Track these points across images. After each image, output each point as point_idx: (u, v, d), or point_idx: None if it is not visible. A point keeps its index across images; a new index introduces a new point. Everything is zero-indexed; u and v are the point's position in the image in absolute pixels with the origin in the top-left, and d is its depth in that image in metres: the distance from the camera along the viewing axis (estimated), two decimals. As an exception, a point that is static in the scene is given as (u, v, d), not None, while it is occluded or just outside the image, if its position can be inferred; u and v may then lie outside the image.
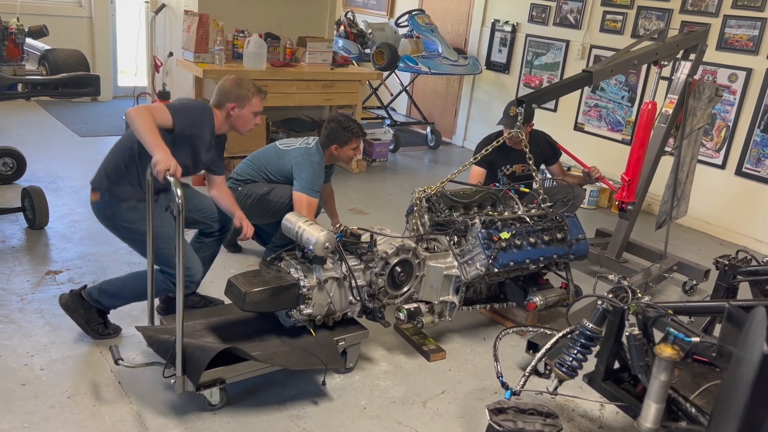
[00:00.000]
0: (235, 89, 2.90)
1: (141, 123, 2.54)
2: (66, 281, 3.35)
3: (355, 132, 3.61)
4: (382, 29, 7.03)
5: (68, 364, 2.68)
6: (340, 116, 3.68)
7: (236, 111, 2.91)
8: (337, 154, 3.63)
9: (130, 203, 2.75)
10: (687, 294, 4.02)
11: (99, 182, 2.81)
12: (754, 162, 4.98)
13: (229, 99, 2.90)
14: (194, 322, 2.66)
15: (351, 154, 3.69)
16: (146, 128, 2.53)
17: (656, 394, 1.99)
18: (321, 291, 2.62)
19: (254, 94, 2.94)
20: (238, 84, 2.92)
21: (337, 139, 3.59)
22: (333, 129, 3.59)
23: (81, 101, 7.06)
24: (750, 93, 4.95)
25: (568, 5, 6.09)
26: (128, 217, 2.74)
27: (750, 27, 4.89)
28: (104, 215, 2.80)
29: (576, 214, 3.36)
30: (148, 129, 2.54)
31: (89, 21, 7.20)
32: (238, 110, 2.91)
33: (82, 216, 4.21)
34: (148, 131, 2.53)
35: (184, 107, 2.86)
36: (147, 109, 2.65)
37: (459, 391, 2.80)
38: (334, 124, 3.60)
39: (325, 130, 3.64)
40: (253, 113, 2.96)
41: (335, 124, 3.60)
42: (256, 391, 2.62)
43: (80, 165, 5.21)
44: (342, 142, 3.59)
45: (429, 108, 7.65)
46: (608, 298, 2.22)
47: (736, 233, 5.13)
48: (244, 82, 2.96)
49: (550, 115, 6.32)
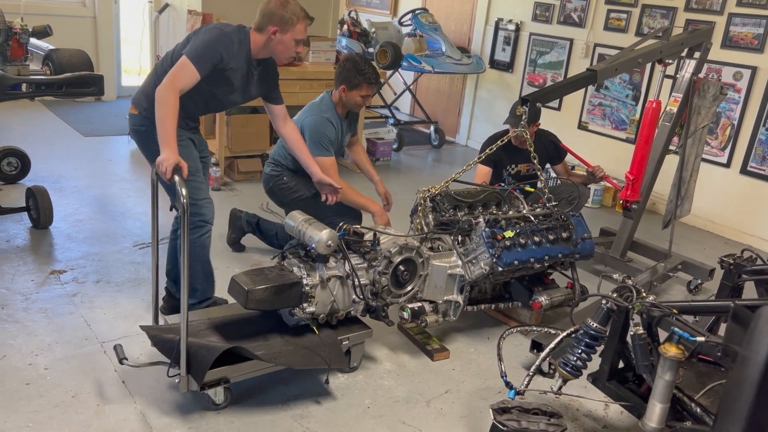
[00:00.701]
0: (279, 11, 2.69)
1: (160, 111, 2.54)
2: (70, 280, 3.36)
3: (368, 77, 3.40)
4: (386, 28, 7.02)
5: (72, 364, 2.69)
6: (358, 57, 3.52)
7: (277, 36, 2.71)
8: (345, 97, 3.44)
9: None
10: (692, 293, 4.00)
11: (139, 100, 2.82)
12: (759, 160, 4.96)
13: (271, 21, 2.69)
14: (198, 321, 2.66)
15: (359, 101, 3.46)
16: (162, 118, 2.53)
17: (661, 393, 1.99)
18: (324, 289, 2.62)
19: (300, 20, 2.72)
20: (283, 5, 2.70)
21: (347, 80, 3.41)
22: (346, 68, 3.42)
23: (85, 101, 7.07)
24: (755, 91, 4.92)
25: (572, 3, 6.07)
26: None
27: (755, 25, 4.86)
28: (138, 131, 2.83)
29: (581, 213, 3.35)
30: (163, 118, 2.53)
31: (93, 21, 7.22)
32: (279, 35, 2.71)
33: (87, 215, 4.22)
34: (162, 121, 2.53)
35: (206, 46, 2.64)
36: (173, 87, 2.55)
37: (463, 391, 2.80)
38: (350, 63, 3.43)
39: (340, 67, 3.48)
40: (295, 40, 2.75)
41: (351, 64, 3.42)
42: (260, 391, 2.63)
43: (84, 165, 5.22)
44: (352, 85, 3.40)
45: (432, 107, 7.64)
46: (613, 297, 2.21)
47: (741, 232, 5.11)
48: (290, 4, 2.73)
49: (554, 114, 6.31)
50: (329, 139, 3.40)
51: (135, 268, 3.58)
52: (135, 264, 3.62)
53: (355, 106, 3.53)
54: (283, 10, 2.69)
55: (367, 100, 3.50)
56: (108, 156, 5.60)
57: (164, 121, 2.54)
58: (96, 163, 5.36)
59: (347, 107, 3.53)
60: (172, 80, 2.57)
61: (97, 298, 3.22)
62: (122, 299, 3.23)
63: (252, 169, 5.29)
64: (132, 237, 3.96)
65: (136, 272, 3.52)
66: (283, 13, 2.69)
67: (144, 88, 2.84)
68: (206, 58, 2.63)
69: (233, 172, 5.26)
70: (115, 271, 3.52)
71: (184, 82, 2.59)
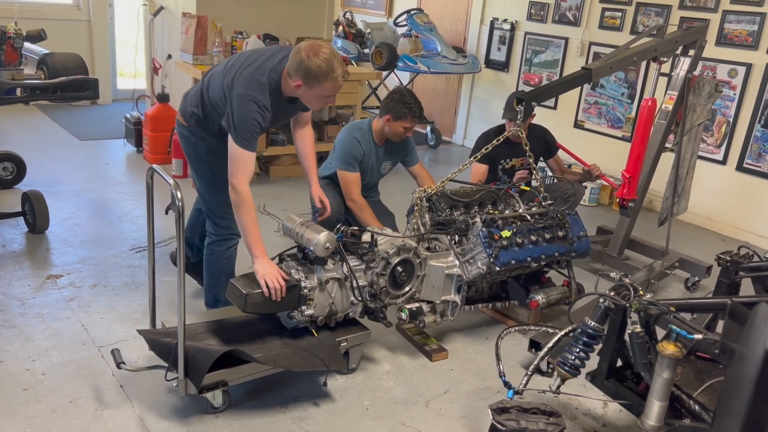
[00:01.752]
0: (306, 63, 2.45)
1: (241, 218, 2.54)
2: (67, 285, 3.35)
3: (412, 111, 3.53)
4: (381, 29, 7.02)
5: (70, 369, 2.68)
6: (405, 90, 3.65)
7: (302, 89, 2.55)
8: (389, 127, 3.58)
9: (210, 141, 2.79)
10: (689, 290, 4.01)
11: (185, 113, 2.86)
12: (755, 157, 4.97)
13: (297, 73, 2.49)
14: (196, 324, 2.65)
15: (401, 132, 3.58)
16: (246, 225, 2.54)
17: (659, 391, 1.99)
18: (322, 292, 2.62)
19: (327, 78, 2.49)
20: (313, 56, 2.45)
21: (392, 111, 3.54)
22: (393, 100, 3.56)
23: (80, 105, 7.06)
24: (750, 88, 4.93)
25: (567, 2, 6.08)
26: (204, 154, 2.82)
27: (749, 22, 4.88)
28: (184, 137, 2.88)
29: (577, 212, 3.35)
30: (246, 225, 2.54)
31: (87, 24, 7.21)
32: (304, 89, 2.54)
33: (83, 219, 4.21)
34: (246, 229, 2.54)
35: (246, 124, 2.51)
36: (242, 184, 2.50)
37: (461, 391, 2.79)
38: (397, 96, 3.57)
39: (386, 98, 3.63)
40: (322, 96, 2.60)
41: (398, 96, 3.56)
42: (258, 393, 2.62)
43: (80, 169, 5.21)
44: (397, 116, 3.53)
45: (429, 107, 7.63)
46: (610, 296, 2.22)
47: (737, 229, 5.12)
48: (321, 54, 2.46)
49: (551, 112, 6.31)
50: (354, 156, 3.57)
51: (132, 271, 3.57)
52: (132, 268, 3.61)
53: (396, 136, 3.63)
54: (309, 62, 2.45)
55: (409, 132, 3.64)
56: (104, 159, 5.59)
57: (248, 227, 2.53)
58: (92, 166, 5.35)
59: (388, 135, 3.66)
60: (236, 179, 2.52)
61: (94, 302, 3.22)
62: (119, 303, 3.22)
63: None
64: (129, 241, 3.96)
65: (133, 276, 3.52)
66: (309, 66, 2.45)
67: (190, 99, 2.84)
68: (251, 136, 2.53)
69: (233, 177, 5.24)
70: (112, 275, 3.51)
71: (247, 172, 2.54)
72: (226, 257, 2.96)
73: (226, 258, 2.96)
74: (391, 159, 3.79)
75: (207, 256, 2.97)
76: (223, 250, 2.94)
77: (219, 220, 2.89)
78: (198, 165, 2.87)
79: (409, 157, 3.81)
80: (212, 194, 2.87)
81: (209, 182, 2.85)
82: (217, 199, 2.84)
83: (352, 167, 3.56)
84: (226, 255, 2.96)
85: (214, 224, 2.91)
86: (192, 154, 2.87)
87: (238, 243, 2.97)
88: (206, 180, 2.87)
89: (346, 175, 3.56)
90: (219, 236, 2.92)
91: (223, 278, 2.90)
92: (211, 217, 2.91)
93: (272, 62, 2.61)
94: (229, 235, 2.92)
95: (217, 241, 2.93)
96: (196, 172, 2.91)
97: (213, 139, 2.78)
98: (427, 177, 3.77)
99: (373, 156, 3.67)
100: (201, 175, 2.88)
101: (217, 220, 2.89)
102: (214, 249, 2.94)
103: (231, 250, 2.98)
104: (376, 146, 3.67)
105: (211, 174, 2.83)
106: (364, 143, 3.60)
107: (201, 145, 2.82)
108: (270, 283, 2.44)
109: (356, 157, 3.57)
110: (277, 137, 5.43)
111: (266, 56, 2.64)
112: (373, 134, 3.64)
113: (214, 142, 2.78)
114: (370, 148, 3.64)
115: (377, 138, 3.65)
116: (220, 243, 2.93)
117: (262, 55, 2.65)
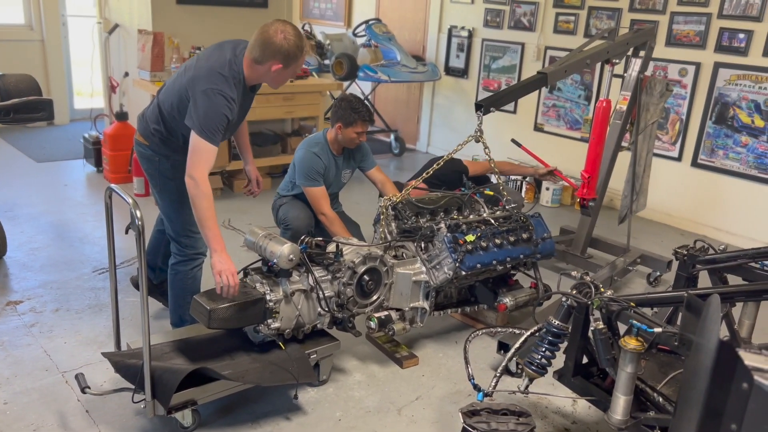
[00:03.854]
0: (285, 46, 2.55)
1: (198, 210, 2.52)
2: (27, 311, 3.27)
3: (362, 115, 3.54)
4: (340, 40, 7.04)
5: (33, 396, 2.61)
6: (352, 97, 3.67)
7: (279, 70, 2.60)
8: (341, 134, 3.59)
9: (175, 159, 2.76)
10: (651, 285, 4.10)
11: (146, 133, 2.81)
12: (708, 153, 5.12)
13: (275, 57, 2.56)
14: (162, 344, 2.62)
15: (354, 137, 3.60)
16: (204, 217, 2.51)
17: (624, 386, 2.03)
18: (288, 304, 2.61)
19: (302, 52, 2.62)
20: (288, 39, 2.56)
21: (342, 118, 3.55)
22: (342, 107, 3.57)
23: (36, 126, 6.91)
24: (700, 86, 5.09)
25: (522, 8, 6.19)
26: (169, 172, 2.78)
27: (696, 22, 5.03)
28: (145, 157, 2.83)
29: (540, 213, 3.40)
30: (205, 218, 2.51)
31: (41, 44, 7.07)
32: (282, 70, 2.61)
33: (42, 243, 4.11)
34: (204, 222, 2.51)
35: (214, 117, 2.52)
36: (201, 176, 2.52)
37: (433, 396, 2.81)
38: (345, 102, 3.58)
39: (334, 106, 3.63)
40: (294, 74, 2.72)
41: (345, 103, 3.57)
42: (228, 411, 2.59)
43: (38, 191, 5.10)
44: (347, 123, 3.55)
45: (391, 116, 7.68)
46: (572, 294, 2.25)
47: (696, 223, 5.26)
48: (293, 36, 2.58)
49: (511, 116, 6.41)
50: (316, 171, 3.58)
51: (95, 294, 3.50)
52: (95, 290, 3.54)
53: (350, 142, 3.65)
54: (286, 43, 2.55)
55: (362, 137, 3.65)
56: (63, 181, 5.48)
57: (207, 220, 2.49)
58: (50, 188, 5.24)
59: (342, 143, 3.67)
60: (196, 171, 2.50)
61: (57, 327, 3.15)
62: (83, 327, 3.16)
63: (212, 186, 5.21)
64: (91, 263, 3.88)
65: (96, 298, 3.45)
66: (288, 48, 2.55)
67: (148, 117, 2.81)
68: (218, 130, 2.53)
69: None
70: (74, 298, 3.44)
71: (208, 164, 2.54)
72: (191, 277, 2.93)
73: (191, 278, 2.93)
74: (350, 166, 3.82)
75: (171, 276, 2.93)
76: (188, 270, 2.91)
77: (183, 239, 2.86)
78: (163, 184, 2.82)
79: (364, 162, 3.83)
80: (178, 213, 2.83)
81: (175, 200, 2.81)
82: (183, 218, 2.81)
83: (317, 182, 3.58)
84: (191, 275, 2.93)
85: (178, 244, 2.87)
86: (156, 173, 2.82)
87: (202, 263, 2.96)
88: (172, 198, 2.82)
89: (313, 191, 3.57)
90: (183, 256, 2.89)
91: (188, 298, 2.84)
92: (175, 237, 2.88)
93: (226, 55, 2.61)
94: (193, 255, 2.90)
95: (181, 261, 2.90)
96: (159, 192, 2.86)
97: (178, 156, 2.72)
98: (386, 181, 3.79)
99: (333, 167, 3.70)
100: (165, 194, 2.84)
101: (181, 239, 2.86)
102: (178, 269, 2.91)
103: (195, 270, 2.95)
104: (335, 156, 3.69)
105: (176, 192, 2.77)
106: (323, 156, 3.61)
107: (166, 163, 2.78)
108: (224, 279, 2.42)
109: (319, 171, 3.59)
110: (239, 151, 5.40)
111: (216, 53, 2.65)
112: (329, 145, 3.66)
113: (179, 159, 2.70)
114: (329, 160, 3.65)
115: (334, 148, 3.67)
116: (185, 263, 2.90)
117: (212, 54, 2.66)
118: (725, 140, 5.01)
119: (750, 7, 4.73)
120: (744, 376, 1.28)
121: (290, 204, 3.71)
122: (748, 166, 4.90)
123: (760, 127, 4.81)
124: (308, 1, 8.68)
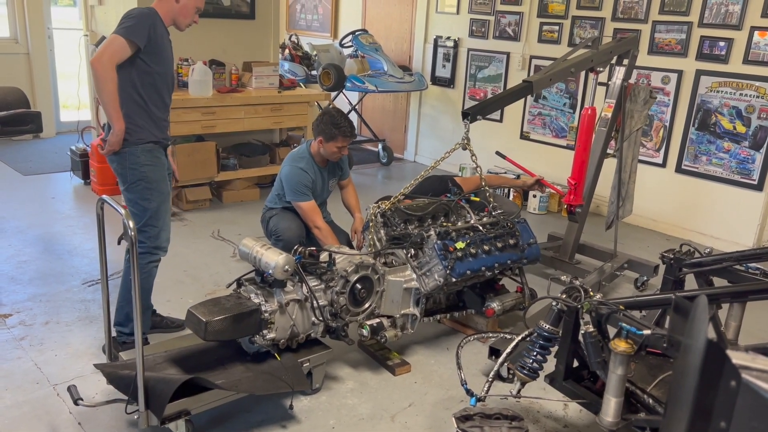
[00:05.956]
0: None
1: (101, 85, 2.69)
2: (17, 324, 3.25)
3: (343, 130, 3.57)
4: (327, 50, 7.09)
5: (24, 410, 2.60)
6: (334, 111, 3.70)
7: (181, 1, 2.88)
8: (322, 148, 3.62)
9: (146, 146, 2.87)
10: (639, 290, 4.15)
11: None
12: (691, 159, 5.21)
13: None
14: (154, 354, 2.61)
15: (336, 152, 3.63)
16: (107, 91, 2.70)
17: (614, 388, 2.06)
18: (283, 314, 2.62)
19: None
20: None
21: (324, 133, 3.58)
22: (324, 122, 3.59)
23: (23, 139, 6.87)
24: (683, 93, 5.18)
25: (506, 18, 6.27)
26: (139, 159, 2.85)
27: (678, 31, 5.13)
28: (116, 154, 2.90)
29: (526, 219, 3.44)
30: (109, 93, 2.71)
31: (27, 57, 7.04)
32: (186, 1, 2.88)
33: (31, 256, 4.09)
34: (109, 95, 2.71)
35: (134, 22, 2.75)
36: (111, 61, 2.68)
37: (426, 403, 2.82)
38: (327, 117, 3.60)
39: (317, 120, 3.65)
40: (196, 7, 2.94)
41: (328, 118, 3.59)
42: (222, 420, 2.59)
43: (26, 204, 5.07)
44: (328, 137, 3.57)
45: (379, 125, 7.72)
46: (562, 298, 2.28)
47: (681, 228, 5.34)
48: None
49: (497, 125, 6.47)
50: (304, 185, 3.62)
51: (85, 306, 3.49)
52: (85, 302, 3.53)
53: (331, 156, 3.68)
54: None
55: (343, 151, 3.68)
56: (50, 194, 5.45)
57: (112, 102, 2.70)
58: (38, 201, 5.21)
59: (325, 156, 3.70)
60: (103, 57, 2.68)
61: (47, 339, 3.13)
62: (73, 339, 3.15)
63: (200, 197, 5.23)
64: (80, 275, 3.86)
65: (86, 310, 3.44)
66: None
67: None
68: (133, 29, 2.72)
69: (181, 202, 5.19)
70: (64, 310, 3.42)
71: (114, 58, 2.69)
72: (146, 272, 2.94)
73: (145, 273, 2.93)
74: (335, 175, 3.89)
75: (125, 269, 2.94)
76: (144, 264, 2.90)
77: (148, 229, 2.89)
78: (134, 173, 2.85)
79: (341, 172, 3.89)
80: (148, 201, 2.87)
81: (145, 188, 2.86)
82: (152, 207, 2.87)
83: (307, 196, 3.61)
84: (146, 270, 2.93)
85: (140, 233, 2.85)
86: (127, 165, 2.85)
87: (159, 261, 3.00)
88: (143, 185, 2.86)
89: (304, 206, 3.60)
90: (142, 248, 2.89)
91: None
92: (139, 227, 2.87)
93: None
94: (152, 248, 2.93)
95: (139, 254, 2.84)
96: (131, 183, 2.87)
97: (149, 145, 2.87)
98: (351, 192, 3.92)
99: (320, 179, 3.74)
100: (136, 182, 2.86)
101: (145, 228, 2.88)
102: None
103: (151, 266, 2.97)
104: (320, 168, 3.73)
105: (146, 180, 2.85)
106: (309, 170, 3.65)
107: (135, 151, 2.83)
108: (107, 149, 2.76)
109: (307, 185, 3.62)
110: (228, 162, 5.41)
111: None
112: (314, 158, 3.70)
113: (148, 147, 2.86)
114: (315, 173, 3.70)
115: (318, 160, 3.72)
116: (143, 256, 2.89)
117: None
118: (708, 146, 5.10)
119: (729, 15, 4.83)
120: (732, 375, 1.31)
121: (280, 215, 3.73)
122: (731, 171, 4.99)
123: (741, 132, 4.90)
124: (295, 13, 8.72)
